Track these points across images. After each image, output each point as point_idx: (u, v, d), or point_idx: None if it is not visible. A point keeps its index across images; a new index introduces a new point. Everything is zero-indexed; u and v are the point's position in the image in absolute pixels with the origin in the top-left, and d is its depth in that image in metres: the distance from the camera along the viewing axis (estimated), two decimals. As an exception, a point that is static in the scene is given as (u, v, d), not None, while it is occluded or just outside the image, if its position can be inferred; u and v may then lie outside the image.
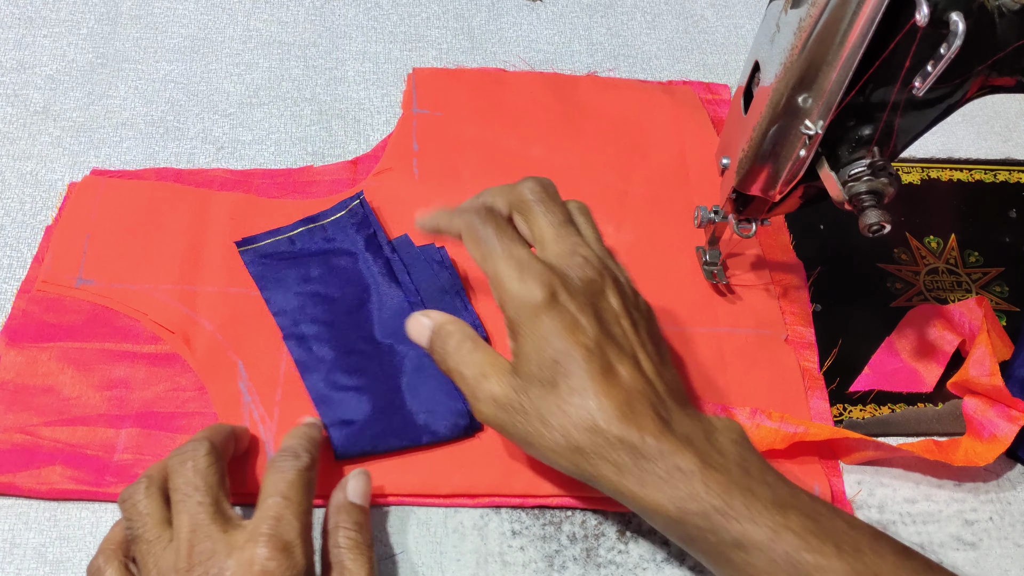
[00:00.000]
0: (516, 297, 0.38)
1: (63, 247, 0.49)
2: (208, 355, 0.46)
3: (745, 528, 0.35)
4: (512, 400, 0.38)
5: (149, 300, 0.47)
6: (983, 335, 0.47)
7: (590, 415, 0.37)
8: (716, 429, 0.38)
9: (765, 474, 0.37)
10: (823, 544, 0.35)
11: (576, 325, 0.38)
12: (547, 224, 0.41)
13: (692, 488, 0.36)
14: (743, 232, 0.48)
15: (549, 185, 0.42)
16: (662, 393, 0.38)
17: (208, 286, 0.48)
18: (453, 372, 0.40)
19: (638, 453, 0.36)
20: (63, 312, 0.47)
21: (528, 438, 0.38)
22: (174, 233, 0.50)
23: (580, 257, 0.40)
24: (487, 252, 0.40)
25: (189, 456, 0.38)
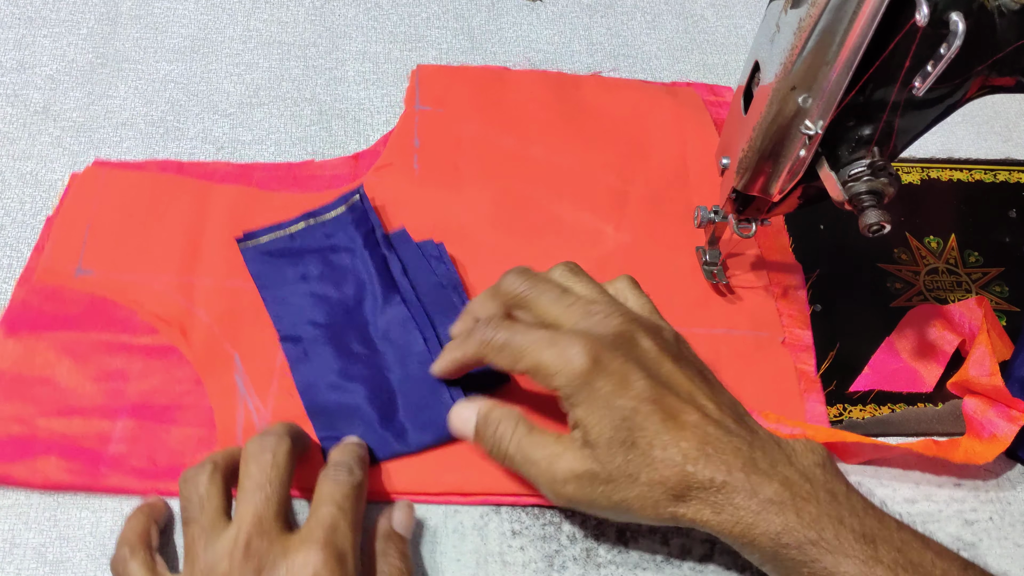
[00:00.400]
0: (563, 372, 0.37)
1: (63, 237, 0.49)
2: (204, 347, 0.46)
3: (837, 561, 0.35)
4: (596, 471, 0.37)
5: (147, 291, 0.48)
6: (983, 335, 0.47)
7: (676, 463, 0.36)
8: (796, 452, 0.38)
9: (852, 500, 0.37)
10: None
11: (627, 380, 0.37)
12: (548, 303, 0.41)
13: (786, 521, 0.36)
14: (743, 232, 0.48)
15: (526, 271, 0.42)
16: (731, 425, 0.38)
17: (206, 278, 0.48)
18: (516, 459, 0.39)
19: (729, 490, 0.36)
20: (62, 302, 0.47)
21: (621, 504, 0.37)
22: (174, 224, 0.50)
23: (598, 316, 0.40)
24: (516, 351, 0.39)
25: (271, 448, 0.38)
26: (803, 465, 0.38)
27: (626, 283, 0.44)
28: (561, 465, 0.38)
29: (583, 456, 0.37)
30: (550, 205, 0.54)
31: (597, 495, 0.37)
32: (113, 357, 0.45)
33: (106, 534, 0.41)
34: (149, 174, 0.53)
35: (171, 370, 0.45)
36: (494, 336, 0.40)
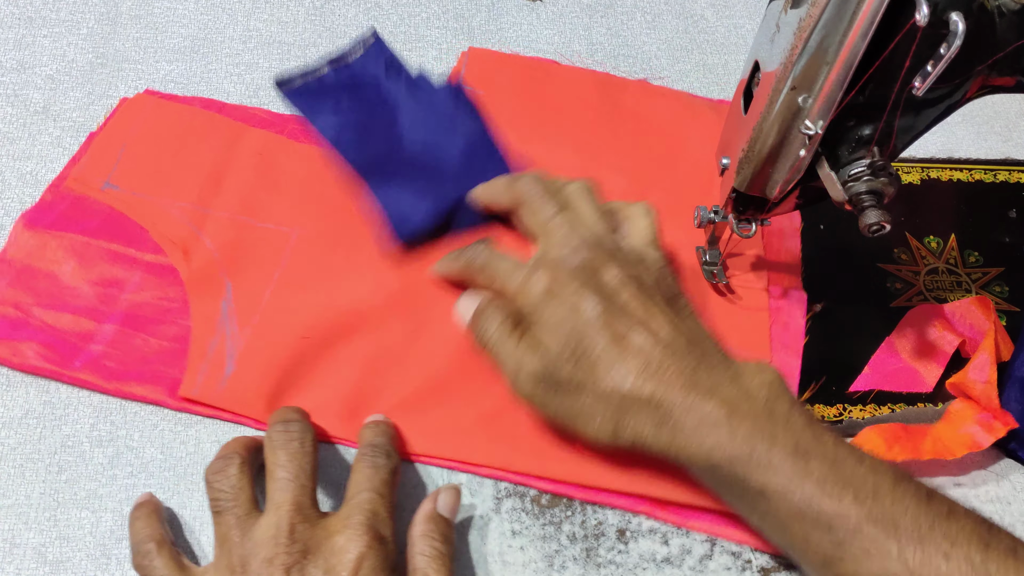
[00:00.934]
0: (523, 297, 0.43)
1: (100, 152, 0.53)
2: (201, 270, 0.48)
3: (767, 476, 0.36)
4: (547, 376, 0.41)
5: (163, 214, 0.51)
6: (989, 340, 0.47)
7: (617, 380, 0.39)
8: (743, 374, 0.40)
9: (792, 417, 0.38)
10: (842, 491, 0.36)
11: (577, 306, 0.41)
12: (542, 219, 0.45)
13: (719, 437, 0.37)
14: (743, 232, 0.48)
15: (542, 179, 0.46)
16: (682, 348, 0.40)
17: (220, 211, 0.51)
18: (493, 351, 0.43)
19: (668, 407, 0.38)
20: (83, 210, 0.50)
21: (569, 410, 0.41)
22: (203, 157, 0.53)
23: (572, 245, 0.43)
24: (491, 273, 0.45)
25: (297, 437, 0.39)
26: (748, 385, 0.39)
27: (640, 210, 0.47)
28: (524, 364, 0.41)
29: (540, 362, 0.41)
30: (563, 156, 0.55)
31: (547, 398, 0.41)
32: (115, 266, 0.49)
33: (106, 534, 0.41)
34: (191, 108, 0.56)
35: (165, 288, 0.48)
36: (476, 258, 0.46)
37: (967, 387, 0.47)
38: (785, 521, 0.37)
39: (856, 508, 0.35)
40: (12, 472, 0.43)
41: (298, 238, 0.50)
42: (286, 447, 0.39)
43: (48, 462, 0.43)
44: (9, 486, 0.42)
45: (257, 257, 0.49)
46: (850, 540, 0.35)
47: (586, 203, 0.46)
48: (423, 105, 0.55)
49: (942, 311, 0.51)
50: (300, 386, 0.45)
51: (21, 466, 0.43)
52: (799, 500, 0.36)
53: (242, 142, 0.54)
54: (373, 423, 0.43)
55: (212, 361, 0.45)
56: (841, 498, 0.36)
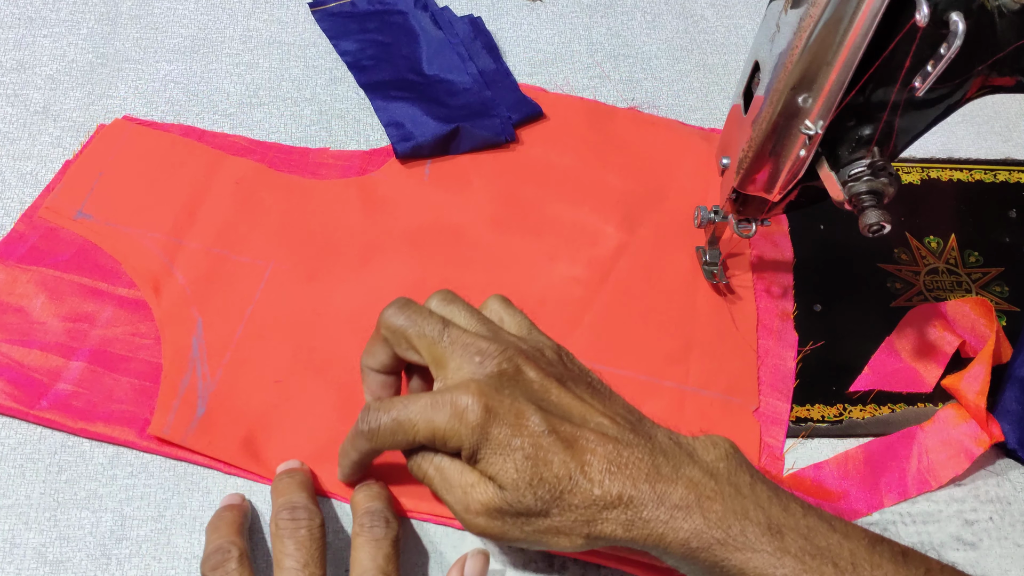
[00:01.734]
0: (459, 431, 0.37)
1: (74, 180, 0.52)
2: (172, 306, 0.48)
3: (747, 557, 0.35)
4: (506, 508, 0.37)
5: (135, 245, 0.50)
6: (987, 350, 0.47)
7: (583, 489, 0.36)
8: (697, 450, 0.38)
9: (756, 491, 0.37)
10: (822, 564, 0.35)
11: (521, 420, 0.37)
12: (428, 344, 0.39)
13: (693, 525, 0.36)
14: (743, 232, 0.48)
15: (404, 304, 0.40)
16: (629, 438, 0.38)
17: (194, 242, 0.50)
18: (435, 481, 0.38)
19: (638, 504, 0.36)
20: (55, 242, 0.49)
21: (533, 535, 0.37)
22: (180, 186, 0.52)
23: (476, 355, 0.38)
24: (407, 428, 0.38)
25: (305, 524, 0.38)
26: (705, 462, 0.37)
27: (499, 303, 0.43)
28: (475, 496, 0.37)
29: (495, 492, 0.37)
30: (551, 205, 0.54)
31: (509, 527, 0.37)
32: (86, 301, 0.48)
33: (106, 534, 0.41)
34: (169, 135, 0.55)
35: (137, 323, 0.47)
36: (378, 421, 0.38)
37: (959, 394, 0.47)
38: None
39: None
40: (12, 472, 0.43)
41: (272, 271, 0.50)
42: (294, 535, 0.37)
43: (48, 462, 0.43)
44: (9, 486, 0.42)
45: (229, 291, 0.48)
46: None
47: (459, 308, 0.41)
48: (446, 34, 0.61)
49: (942, 311, 0.51)
50: (273, 432, 0.44)
51: (21, 466, 0.43)
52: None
53: (220, 170, 0.53)
54: (365, 486, 0.41)
55: (183, 400, 0.44)
56: (822, 572, 0.35)
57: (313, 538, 0.38)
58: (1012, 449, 0.46)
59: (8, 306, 0.47)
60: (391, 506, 0.40)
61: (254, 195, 0.52)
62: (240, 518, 0.40)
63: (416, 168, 0.55)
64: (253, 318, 0.48)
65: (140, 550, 0.41)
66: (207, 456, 0.43)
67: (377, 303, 0.48)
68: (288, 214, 0.52)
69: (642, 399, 0.47)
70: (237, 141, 0.55)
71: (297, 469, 0.42)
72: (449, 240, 0.52)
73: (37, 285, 0.48)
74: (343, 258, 0.50)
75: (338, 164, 0.55)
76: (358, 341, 0.47)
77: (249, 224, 0.51)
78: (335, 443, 0.44)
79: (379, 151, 0.56)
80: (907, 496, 0.45)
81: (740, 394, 0.48)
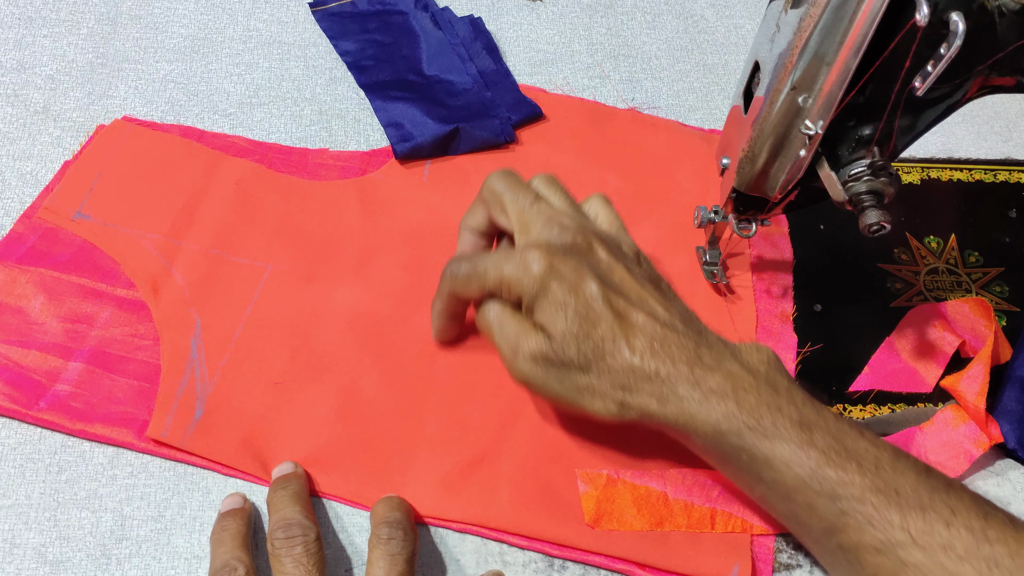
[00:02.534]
0: (520, 278, 0.41)
1: (73, 181, 0.52)
2: (171, 307, 0.47)
3: (774, 445, 0.37)
4: (551, 356, 0.40)
5: (134, 246, 0.49)
6: (986, 350, 0.47)
7: (624, 357, 0.39)
8: (742, 351, 0.40)
9: (792, 393, 0.39)
10: (846, 461, 0.36)
11: (581, 283, 0.40)
12: (518, 209, 0.43)
13: (727, 408, 0.38)
14: (743, 232, 0.48)
15: (508, 174, 0.45)
16: (679, 327, 0.40)
17: (192, 243, 0.50)
18: (493, 327, 0.42)
19: (674, 382, 0.38)
20: (54, 242, 0.49)
21: (572, 390, 0.40)
22: (178, 187, 0.52)
23: (557, 226, 0.42)
24: (480, 275, 0.42)
25: (300, 541, 0.38)
26: (748, 361, 0.40)
27: (599, 201, 0.46)
28: (525, 342, 0.41)
29: (544, 340, 0.40)
30: None
31: (550, 378, 0.40)
32: (85, 302, 0.47)
33: (106, 534, 0.41)
34: (168, 136, 0.55)
35: (136, 324, 0.47)
36: (458, 271, 0.43)
37: (958, 395, 0.47)
38: (790, 490, 0.37)
39: (860, 478, 0.36)
40: (12, 472, 0.43)
41: (271, 272, 0.49)
42: (290, 553, 0.38)
43: (48, 462, 0.43)
44: (9, 486, 0.42)
45: (228, 292, 0.48)
46: (854, 509, 0.36)
47: (556, 192, 0.45)
48: (446, 34, 0.61)
49: (942, 311, 0.51)
50: (271, 433, 0.44)
51: (21, 466, 0.43)
52: (805, 469, 0.37)
53: (219, 171, 0.53)
54: (387, 497, 0.41)
55: (182, 401, 0.44)
56: (846, 468, 0.36)
57: (309, 553, 0.38)
58: (1012, 449, 0.46)
59: (7, 307, 0.47)
60: (410, 517, 0.41)
61: (253, 196, 0.52)
62: (244, 527, 0.40)
63: (415, 169, 0.55)
64: (252, 319, 0.48)
65: (140, 550, 0.41)
66: (205, 458, 0.43)
67: (376, 304, 0.49)
68: (287, 215, 0.52)
69: None
70: (236, 142, 0.55)
71: (291, 476, 0.42)
72: (448, 240, 0.52)
73: (36, 286, 0.48)
74: (342, 259, 0.50)
75: (337, 165, 0.55)
76: (357, 342, 0.47)
77: (248, 225, 0.51)
78: (334, 444, 0.44)
79: (378, 152, 0.56)
80: None
81: None
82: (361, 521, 0.43)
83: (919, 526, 0.35)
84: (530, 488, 0.43)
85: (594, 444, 0.45)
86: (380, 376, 0.46)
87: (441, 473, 0.44)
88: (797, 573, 0.43)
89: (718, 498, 0.43)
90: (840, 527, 0.36)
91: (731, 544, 0.42)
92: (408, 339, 0.48)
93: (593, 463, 0.44)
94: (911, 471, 0.37)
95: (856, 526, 0.36)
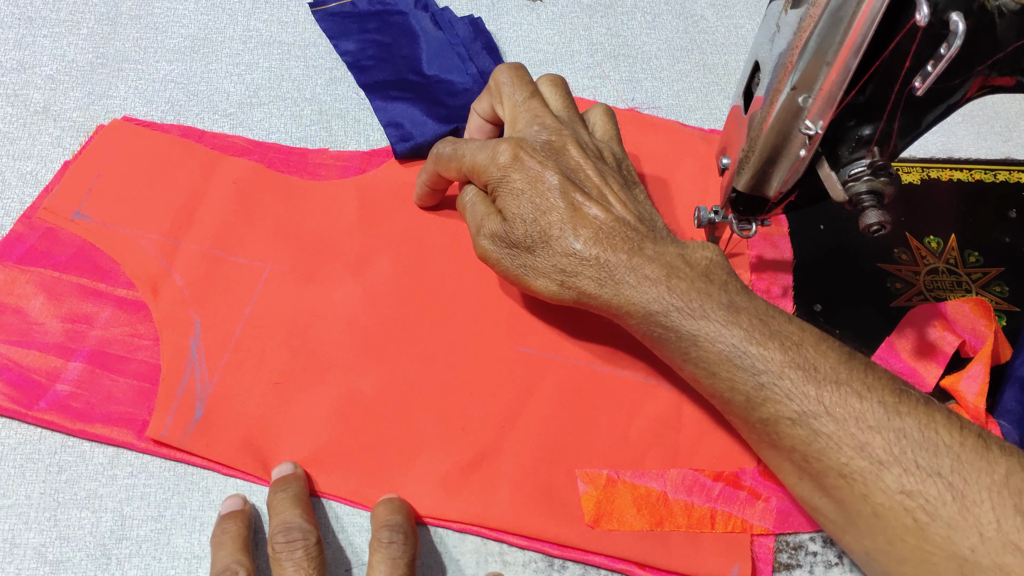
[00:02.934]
0: (488, 166, 0.45)
1: (73, 181, 0.52)
2: (171, 307, 0.48)
3: (699, 325, 0.40)
4: (504, 235, 0.44)
5: (133, 246, 0.50)
6: (986, 350, 0.47)
7: (568, 242, 0.42)
8: (688, 247, 0.42)
9: (728, 283, 0.41)
10: (768, 340, 0.39)
11: (540, 175, 0.44)
12: (512, 103, 0.48)
13: (657, 292, 0.41)
14: (743, 232, 0.48)
15: (518, 67, 0.49)
16: (633, 223, 0.43)
17: (192, 244, 0.50)
18: (466, 208, 0.47)
19: (612, 268, 0.42)
20: (54, 242, 0.50)
21: (517, 269, 0.44)
22: (178, 187, 0.52)
23: (538, 124, 0.46)
24: (458, 158, 0.47)
25: (300, 545, 0.38)
26: (691, 257, 0.42)
27: (600, 110, 0.50)
28: (486, 223, 0.45)
29: (500, 222, 0.45)
30: None
31: (503, 256, 0.45)
32: (85, 302, 0.48)
33: (106, 534, 0.41)
34: (167, 136, 0.55)
35: (136, 324, 0.47)
36: (443, 149, 0.48)
37: (958, 395, 0.47)
38: (713, 365, 0.39)
39: (780, 355, 0.38)
40: (12, 472, 0.43)
41: (271, 272, 0.49)
42: (291, 558, 0.38)
43: (48, 462, 0.43)
44: (9, 486, 0.42)
45: (227, 292, 0.48)
46: (772, 383, 0.38)
47: (557, 91, 0.48)
48: (446, 34, 0.61)
49: (942, 311, 0.51)
50: (271, 434, 0.44)
51: (21, 466, 0.43)
52: (727, 346, 0.39)
53: (218, 171, 0.53)
54: (387, 499, 0.42)
55: (182, 402, 0.44)
56: (767, 346, 0.38)
57: (310, 557, 0.38)
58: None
59: (7, 307, 0.47)
60: (411, 520, 0.41)
61: (252, 196, 0.52)
62: (244, 530, 0.40)
63: (415, 168, 0.55)
64: (251, 319, 0.48)
65: (140, 550, 0.41)
66: (205, 458, 0.43)
67: (375, 304, 0.49)
68: (286, 215, 0.52)
69: (639, 401, 0.47)
70: (236, 141, 0.55)
71: (291, 477, 0.42)
72: (448, 240, 0.52)
73: (36, 286, 0.48)
74: (341, 259, 0.50)
75: (337, 165, 0.55)
76: (356, 342, 0.47)
77: (247, 225, 0.51)
78: (334, 444, 0.44)
79: (378, 152, 0.56)
80: None
81: None
82: (361, 521, 0.43)
83: (833, 399, 0.37)
84: (530, 488, 0.43)
85: (594, 444, 0.45)
86: (380, 376, 0.46)
87: (441, 473, 0.44)
88: (797, 573, 0.43)
89: (718, 498, 0.43)
90: (759, 400, 0.38)
91: (731, 544, 0.42)
92: (408, 339, 0.48)
93: (593, 463, 0.44)
94: (833, 352, 0.38)
95: (774, 400, 0.38)
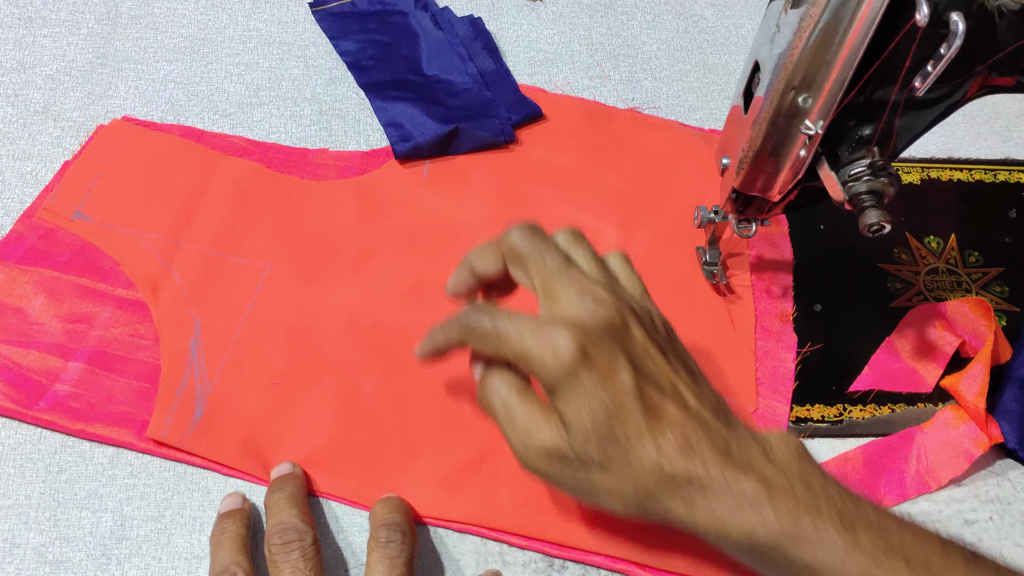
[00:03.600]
0: (548, 364, 0.36)
1: (72, 181, 0.52)
2: (170, 308, 0.48)
3: (816, 552, 0.34)
4: (567, 454, 0.36)
5: (133, 246, 0.50)
6: (986, 351, 0.47)
7: (652, 459, 0.36)
8: (772, 446, 0.37)
9: (828, 489, 0.36)
10: (893, 560, 0.34)
11: (612, 374, 0.36)
12: (547, 273, 0.39)
13: (761, 516, 0.35)
14: (743, 232, 0.48)
15: (535, 229, 0.40)
16: (710, 419, 0.37)
17: (191, 244, 0.50)
18: (500, 415, 0.38)
19: (704, 486, 0.35)
20: (54, 242, 0.49)
21: (589, 490, 0.37)
22: (177, 187, 0.52)
23: (591, 299, 0.37)
24: (500, 339, 0.38)
25: (296, 546, 0.38)
26: (779, 459, 0.37)
27: (620, 260, 0.42)
28: (537, 435, 0.37)
29: (559, 434, 0.36)
30: (550, 206, 0.54)
31: (564, 475, 0.37)
32: (85, 302, 0.48)
33: (106, 534, 0.41)
34: (167, 136, 0.55)
35: (135, 324, 0.47)
36: (479, 322, 0.38)
37: (958, 395, 0.47)
38: None
39: None
40: (12, 472, 0.43)
41: (270, 273, 0.49)
42: (287, 559, 0.37)
43: (48, 462, 0.43)
44: (9, 486, 0.42)
45: (227, 293, 0.48)
46: None
47: (584, 252, 0.40)
48: (446, 34, 0.61)
49: (942, 311, 0.51)
50: (271, 434, 0.44)
51: (21, 466, 0.43)
52: (851, 574, 0.34)
53: (218, 171, 0.53)
54: (386, 498, 0.41)
55: (181, 402, 0.44)
56: (893, 568, 0.34)
57: (306, 558, 0.38)
58: (1012, 449, 0.46)
59: (7, 307, 0.47)
60: (409, 519, 0.40)
61: (252, 196, 0.52)
62: (243, 529, 0.40)
63: (415, 168, 0.55)
64: (251, 320, 0.48)
65: (140, 550, 0.41)
66: (205, 458, 0.43)
67: (375, 304, 0.49)
68: (286, 215, 0.52)
69: None
70: (236, 142, 0.55)
71: (288, 477, 0.42)
72: (448, 240, 0.52)
73: (36, 286, 0.48)
74: (341, 259, 0.50)
75: (337, 165, 0.55)
76: (356, 342, 0.47)
77: (247, 225, 0.51)
78: (333, 445, 0.44)
79: (378, 152, 0.56)
80: (906, 498, 0.45)
81: (738, 396, 0.48)
82: (360, 521, 0.43)
83: None
84: (530, 488, 0.43)
85: None
86: (380, 376, 0.46)
87: (441, 473, 0.44)
88: (797, 573, 0.43)
89: None
90: None
91: None
92: (408, 339, 0.48)
93: None
94: (959, 563, 0.34)
95: None
